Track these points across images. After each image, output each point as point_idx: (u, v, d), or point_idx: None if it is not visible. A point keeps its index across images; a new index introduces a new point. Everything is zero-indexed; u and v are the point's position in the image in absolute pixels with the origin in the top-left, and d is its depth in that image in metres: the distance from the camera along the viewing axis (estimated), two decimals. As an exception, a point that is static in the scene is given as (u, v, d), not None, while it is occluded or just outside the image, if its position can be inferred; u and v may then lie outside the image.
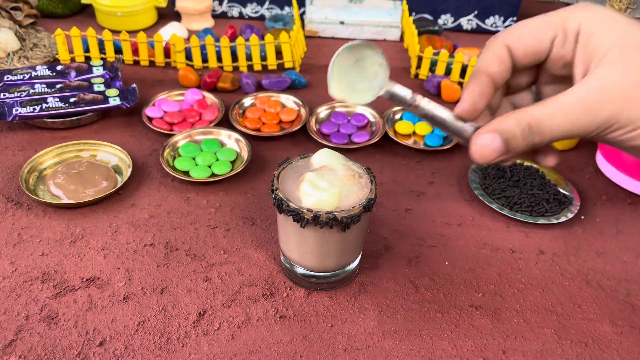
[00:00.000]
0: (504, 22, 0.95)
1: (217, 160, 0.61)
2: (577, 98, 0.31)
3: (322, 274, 0.47)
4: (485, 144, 0.34)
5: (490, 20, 0.96)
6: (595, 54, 0.32)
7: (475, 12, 0.95)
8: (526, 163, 0.63)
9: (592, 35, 0.32)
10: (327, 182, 0.42)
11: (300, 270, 0.47)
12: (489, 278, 0.50)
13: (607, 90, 0.31)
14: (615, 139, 0.32)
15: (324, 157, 0.45)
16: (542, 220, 0.56)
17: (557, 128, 0.32)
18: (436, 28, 0.91)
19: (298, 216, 0.42)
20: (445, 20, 0.96)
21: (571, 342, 0.45)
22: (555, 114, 0.32)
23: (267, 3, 0.94)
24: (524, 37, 0.35)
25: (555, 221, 0.56)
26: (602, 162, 0.64)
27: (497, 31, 0.97)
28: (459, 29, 0.97)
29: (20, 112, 0.63)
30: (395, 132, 0.68)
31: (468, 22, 0.96)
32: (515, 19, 0.95)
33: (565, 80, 0.36)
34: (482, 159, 0.35)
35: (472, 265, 0.52)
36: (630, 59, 0.31)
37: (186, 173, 0.59)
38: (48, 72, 0.70)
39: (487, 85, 0.35)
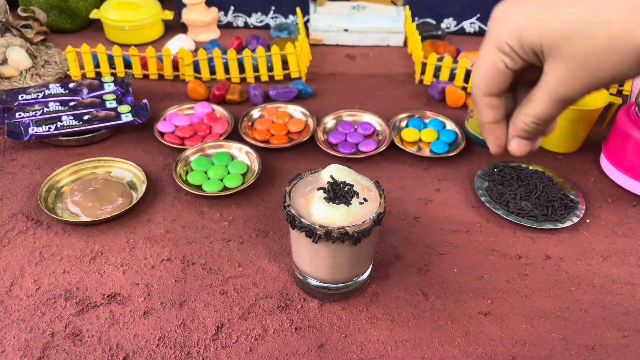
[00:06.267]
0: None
1: (229, 173, 0.62)
2: (546, 93, 0.38)
3: (334, 285, 0.48)
4: (516, 147, 0.42)
5: (492, 23, 0.96)
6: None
7: (478, 15, 0.96)
8: (532, 167, 0.65)
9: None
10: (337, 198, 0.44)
11: (313, 282, 0.49)
12: (497, 285, 0.52)
13: (565, 81, 0.37)
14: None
15: (333, 172, 0.47)
16: (548, 225, 0.57)
17: (546, 115, 0.39)
18: (439, 32, 0.92)
19: (310, 232, 0.43)
20: (448, 24, 0.97)
21: (578, 347, 0.46)
22: (539, 108, 0.39)
23: (271, 12, 0.96)
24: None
25: (560, 225, 0.57)
26: (606, 165, 0.65)
27: (500, 33, 0.98)
28: (461, 32, 0.98)
29: (35, 132, 0.64)
30: (401, 139, 0.69)
31: (471, 25, 0.97)
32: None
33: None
34: (521, 154, 0.43)
35: (481, 272, 0.53)
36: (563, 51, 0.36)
37: (199, 187, 0.61)
38: (61, 90, 0.72)
39: (497, 134, 0.43)
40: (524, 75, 0.41)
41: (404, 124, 0.72)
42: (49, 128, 0.65)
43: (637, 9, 0.33)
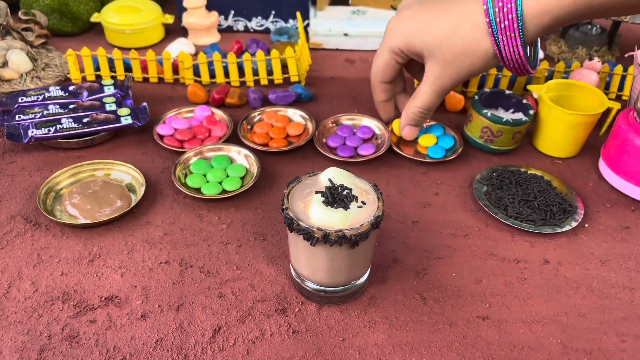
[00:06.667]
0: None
1: (227, 176, 0.62)
2: (428, 85, 0.54)
3: (332, 288, 0.48)
4: (408, 132, 0.60)
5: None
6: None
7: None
8: (531, 172, 0.65)
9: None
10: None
11: (311, 285, 0.49)
12: (496, 289, 0.52)
13: (441, 75, 0.53)
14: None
15: (331, 176, 0.47)
16: (546, 230, 0.57)
17: (430, 104, 0.56)
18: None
19: (308, 235, 0.43)
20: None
21: (576, 352, 0.46)
22: (424, 99, 0.55)
23: (271, 16, 0.96)
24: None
25: (559, 230, 0.57)
26: (605, 170, 0.65)
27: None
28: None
29: (35, 134, 0.64)
30: (395, 134, 0.69)
31: (470, 30, 0.97)
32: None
33: None
34: (413, 137, 0.60)
35: (479, 276, 0.53)
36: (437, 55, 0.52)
37: (198, 190, 0.61)
38: (61, 93, 0.72)
39: (388, 109, 0.63)
40: (410, 70, 0.62)
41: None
42: (49, 130, 0.65)
43: (478, 28, 0.49)
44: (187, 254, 0.54)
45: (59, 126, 0.66)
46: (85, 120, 0.68)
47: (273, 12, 0.95)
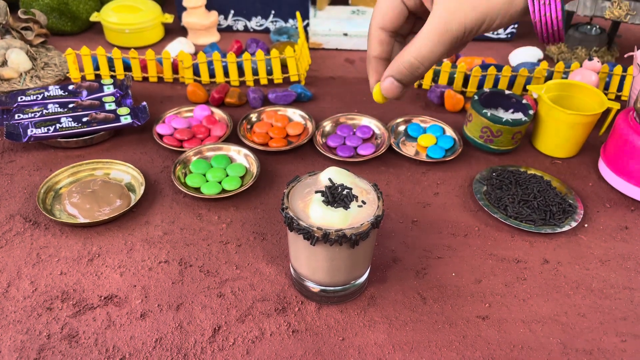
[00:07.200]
0: (505, 29, 0.96)
1: (227, 176, 0.62)
2: (431, 25, 0.40)
3: (332, 288, 0.48)
4: (387, 86, 0.44)
5: (491, 28, 0.97)
6: None
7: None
8: (530, 171, 0.65)
9: None
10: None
11: (311, 284, 0.49)
12: (495, 288, 0.52)
13: (448, 11, 0.40)
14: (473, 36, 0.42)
15: (331, 175, 0.47)
16: (546, 230, 0.57)
17: (429, 54, 0.41)
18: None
19: (308, 234, 0.43)
20: (447, 28, 0.97)
21: (576, 351, 0.46)
22: (423, 45, 0.41)
23: (271, 16, 0.96)
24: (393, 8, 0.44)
25: (559, 230, 0.57)
26: (604, 170, 0.65)
27: (499, 38, 0.98)
28: (461, 37, 0.98)
29: (34, 133, 0.64)
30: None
31: (470, 30, 0.97)
32: (516, 26, 0.96)
33: None
34: (390, 95, 0.45)
35: (479, 275, 0.53)
36: None
37: (197, 189, 0.61)
38: (60, 92, 0.72)
39: (379, 69, 0.47)
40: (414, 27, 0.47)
41: (401, 128, 0.72)
42: (48, 130, 0.65)
43: None
44: (186, 253, 0.54)
45: (58, 125, 0.66)
46: (84, 119, 0.67)
47: (273, 12, 0.95)
